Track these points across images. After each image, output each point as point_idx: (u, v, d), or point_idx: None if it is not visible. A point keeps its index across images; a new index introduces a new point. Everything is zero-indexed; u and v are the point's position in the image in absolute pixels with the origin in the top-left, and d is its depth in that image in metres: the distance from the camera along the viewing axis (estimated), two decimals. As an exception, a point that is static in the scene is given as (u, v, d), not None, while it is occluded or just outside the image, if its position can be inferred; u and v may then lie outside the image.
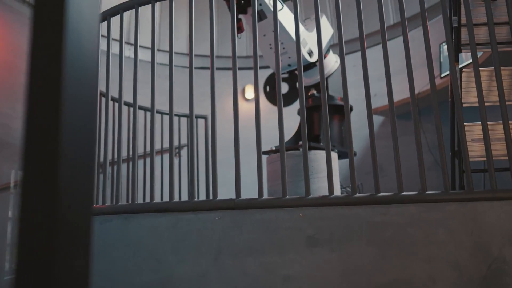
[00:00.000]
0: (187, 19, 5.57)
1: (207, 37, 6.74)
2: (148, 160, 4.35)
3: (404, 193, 1.39)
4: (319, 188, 2.36)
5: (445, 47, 3.71)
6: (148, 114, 4.06)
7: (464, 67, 3.30)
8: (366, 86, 1.55)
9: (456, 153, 2.16)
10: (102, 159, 1.89)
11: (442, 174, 1.44)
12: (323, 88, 1.56)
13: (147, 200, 3.71)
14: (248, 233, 1.41)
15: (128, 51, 5.75)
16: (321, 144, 2.77)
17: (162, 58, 5.92)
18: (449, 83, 3.46)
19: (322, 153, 2.52)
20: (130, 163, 1.89)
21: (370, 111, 1.52)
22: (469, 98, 2.01)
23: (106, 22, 1.84)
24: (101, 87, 2.68)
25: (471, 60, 1.70)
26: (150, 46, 5.67)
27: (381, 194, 1.41)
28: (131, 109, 3.68)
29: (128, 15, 5.68)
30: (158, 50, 6.10)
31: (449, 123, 3.92)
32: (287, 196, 1.46)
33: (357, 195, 1.42)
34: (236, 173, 1.51)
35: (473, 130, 1.99)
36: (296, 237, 1.37)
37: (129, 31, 5.72)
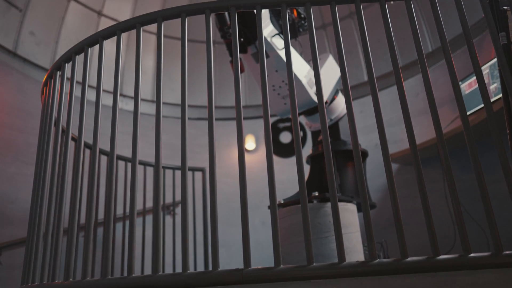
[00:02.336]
0: (179, 71, 5.48)
1: (203, 88, 6.65)
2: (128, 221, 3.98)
3: (473, 254, 1.07)
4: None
5: (466, 84, 3.52)
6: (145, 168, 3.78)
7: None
8: (379, 121, 1.29)
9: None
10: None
11: (491, 231, 1.12)
12: (324, 130, 1.30)
13: (125, 273, 3.31)
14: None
15: (121, 103, 5.61)
16: (338, 194, 2.47)
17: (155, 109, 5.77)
18: (485, 116, 3.25)
19: (341, 206, 2.22)
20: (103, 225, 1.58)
21: (387, 154, 1.25)
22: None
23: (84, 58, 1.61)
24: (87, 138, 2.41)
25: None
26: (144, 97, 5.47)
27: (442, 257, 1.08)
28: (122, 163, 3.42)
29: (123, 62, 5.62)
30: (153, 101, 5.98)
31: (472, 168, 3.66)
32: (315, 264, 1.15)
33: (410, 259, 1.10)
34: (243, 236, 1.20)
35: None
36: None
37: (122, 83, 5.63)
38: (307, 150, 3.57)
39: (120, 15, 5.58)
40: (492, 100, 3.25)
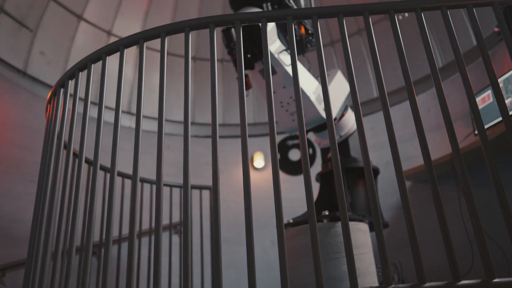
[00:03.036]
0: (190, 86, 5.51)
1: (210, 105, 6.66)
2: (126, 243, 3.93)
3: (497, 280, 0.99)
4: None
5: (479, 99, 3.45)
6: (146, 186, 3.75)
7: None
8: (391, 136, 1.23)
9: None
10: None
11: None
12: (334, 150, 1.25)
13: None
14: None
15: (129, 121, 5.63)
16: (349, 213, 2.39)
17: (167, 127, 5.78)
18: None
19: (353, 225, 2.14)
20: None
21: (400, 170, 1.19)
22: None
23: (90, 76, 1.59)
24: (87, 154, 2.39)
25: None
26: (147, 114, 5.49)
27: (463, 282, 1.01)
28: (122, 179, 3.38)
29: (130, 83, 5.66)
30: (166, 120, 5.99)
31: (487, 187, 3.55)
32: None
33: (428, 284, 1.03)
34: (248, 262, 1.14)
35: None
36: None
37: (131, 101, 5.67)
38: (316, 167, 3.51)
39: (129, 34, 5.64)
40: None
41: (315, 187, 3.19)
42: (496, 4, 1.33)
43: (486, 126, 3.34)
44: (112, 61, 1.51)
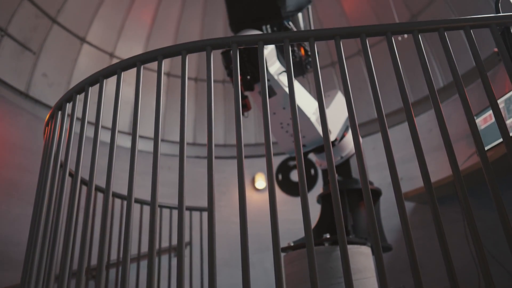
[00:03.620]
0: (192, 107, 5.51)
1: (214, 126, 6.69)
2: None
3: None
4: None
5: (481, 119, 3.44)
6: (142, 207, 3.72)
7: None
8: (390, 158, 1.21)
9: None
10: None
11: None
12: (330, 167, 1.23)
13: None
14: None
15: (130, 142, 5.63)
16: (351, 236, 2.35)
17: (165, 148, 5.78)
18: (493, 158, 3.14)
19: (354, 249, 2.10)
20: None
21: (400, 196, 1.17)
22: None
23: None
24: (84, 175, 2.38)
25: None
26: (149, 135, 5.49)
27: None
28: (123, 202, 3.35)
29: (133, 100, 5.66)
30: (163, 140, 6.00)
31: (490, 211, 3.49)
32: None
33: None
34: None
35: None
36: None
37: (131, 122, 5.69)
38: (318, 189, 3.48)
39: (131, 56, 5.72)
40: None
41: (317, 209, 3.15)
42: (493, 25, 1.33)
43: (489, 146, 3.31)
44: (113, 82, 1.51)
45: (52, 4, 5.01)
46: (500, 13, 1.55)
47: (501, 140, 3.19)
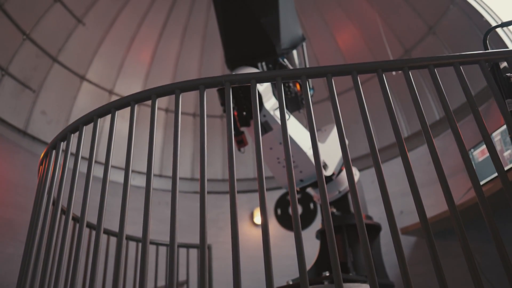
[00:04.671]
0: (190, 143, 5.52)
1: (211, 161, 6.65)
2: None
3: None
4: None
5: (478, 151, 3.44)
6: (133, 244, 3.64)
7: None
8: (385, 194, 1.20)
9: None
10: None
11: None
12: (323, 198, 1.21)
13: None
14: None
15: (133, 181, 5.60)
16: (351, 274, 2.29)
17: (163, 183, 5.74)
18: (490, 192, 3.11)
19: (354, 287, 2.04)
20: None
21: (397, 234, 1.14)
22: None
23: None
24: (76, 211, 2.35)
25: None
26: (146, 171, 5.47)
27: None
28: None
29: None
30: (161, 175, 5.98)
31: (493, 243, 3.42)
32: None
33: None
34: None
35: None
36: None
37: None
38: (318, 223, 3.43)
39: (130, 93, 5.80)
40: (507, 168, 3.14)
41: (317, 244, 3.09)
42: (482, 62, 1.36)
43: (487, 179, 3.29)
44: (109, 119, 1.52)
45: (53, 44, 5.13)
46: (488, 49, 1.58)
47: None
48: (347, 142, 3.06)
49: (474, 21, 4.62)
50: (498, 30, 4.11)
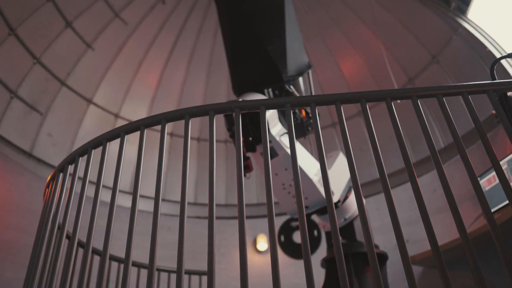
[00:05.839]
0: (194, 167, 5.50)
1: (216, 186, 6.64)
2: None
3: None
4: None
5: (485, 180, 3.41)
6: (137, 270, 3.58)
7: None
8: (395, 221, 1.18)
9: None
10: None
11: None
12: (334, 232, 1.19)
13: None
14: None
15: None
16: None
17: (166, 208, 5.69)
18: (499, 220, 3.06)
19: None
20: None
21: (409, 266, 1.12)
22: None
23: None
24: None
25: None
26: (149, 195, 5.41)
27: None
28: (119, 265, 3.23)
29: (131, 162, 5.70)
30: (163, 199, 5.94)
31: (501, 275, 3.34)
32: None
33: None
34: None
35: None
36: None
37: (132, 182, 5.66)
38: (322, 250, 3.37)
39: (136, 117, 5.85)
40: (515, 197, 3.10)
41: (321, 272, 3.03)
42: (490, 92, 1.36)
43: (496, 208, 3.25)
44: (115, 142, 1.52)
45: (62, 68, 5.22)
46: (495, 79, 1.59)
47: (507, 202, 3.14)
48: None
49: (477, 51, 4.68)
50: (502, 60, 4.14)
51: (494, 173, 3.38)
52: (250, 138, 2.46)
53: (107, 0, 5.41)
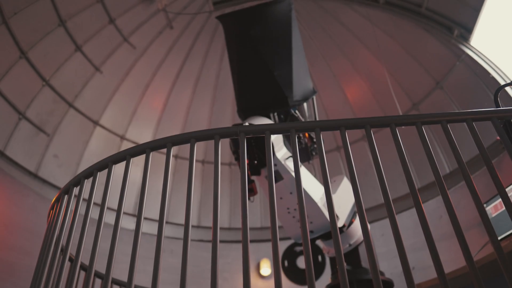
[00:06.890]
0: (198, 189, 5.47)
1: (220, 209, 6.61)
2: None
3: None
4: None
5: (491, 207, 3.37)
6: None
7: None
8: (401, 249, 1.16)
9: None
10: None
11: None
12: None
13: None
14: None
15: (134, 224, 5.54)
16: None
17: (168, 230, 5.65)
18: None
19: None
20: None
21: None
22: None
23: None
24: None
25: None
26: (153, 217, 5.40)
27: None
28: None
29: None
30: (166, 222, 5.90)
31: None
32: None
33: None
34: None
35: None
36: None
37: (137, 204, 5.65)
38: (326, 276, 3.30)
39: (141, 139, 5.90)
40: (523, 224, 3.06)
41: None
42: (495, 119, 1.36)
43: (504, 235, 3.19)
44: (121, 164, 1.53)
45: (70, 90, 5.30)
46: (499, 106, 1.60)
47: (514, 229, 3.08)
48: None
49: (480, 77, 4.71)
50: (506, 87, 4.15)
51: (499, 199, 3.34)
52: (255, 162, 2.46)
53: (116, 24, 5.54)
